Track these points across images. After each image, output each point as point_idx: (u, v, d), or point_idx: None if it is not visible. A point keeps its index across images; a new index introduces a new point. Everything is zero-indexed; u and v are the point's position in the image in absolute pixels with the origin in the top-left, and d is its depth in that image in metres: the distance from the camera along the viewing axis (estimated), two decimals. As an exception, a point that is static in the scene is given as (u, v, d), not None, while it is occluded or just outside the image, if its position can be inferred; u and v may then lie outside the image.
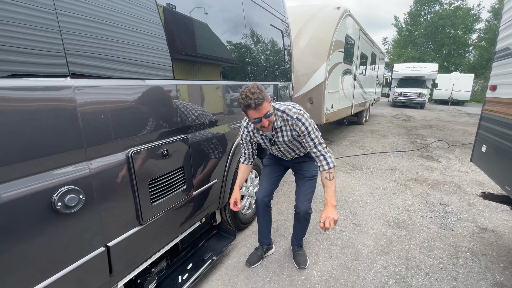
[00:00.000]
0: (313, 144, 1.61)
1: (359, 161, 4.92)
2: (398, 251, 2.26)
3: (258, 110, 1.42)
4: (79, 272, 1.05)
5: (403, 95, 15.98)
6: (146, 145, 1.29)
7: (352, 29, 6.16)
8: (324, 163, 1.60)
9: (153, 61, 1.33)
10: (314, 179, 1.91)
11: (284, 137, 1.68)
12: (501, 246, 2.34)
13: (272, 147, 1.80)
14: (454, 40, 24.17)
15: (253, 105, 1.40)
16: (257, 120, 1.48)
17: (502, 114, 2.04)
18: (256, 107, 1.41)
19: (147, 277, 1.55)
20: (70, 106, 0.96)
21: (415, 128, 8.69)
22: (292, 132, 1.65)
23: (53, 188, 0.93)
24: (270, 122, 1.53)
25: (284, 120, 1.62)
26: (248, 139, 1.80)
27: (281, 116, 1.62)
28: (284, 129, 1.65)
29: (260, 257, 2.12)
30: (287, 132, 1.66)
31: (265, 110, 1.44)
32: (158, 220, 1.42)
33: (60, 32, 0.94)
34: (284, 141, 1.70)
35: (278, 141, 1.72)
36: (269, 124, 1.53)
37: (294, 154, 1.85)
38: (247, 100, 1.40)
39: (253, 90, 1.40)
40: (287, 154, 1.85)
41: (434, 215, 2.88)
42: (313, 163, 1.87)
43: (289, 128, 1.64)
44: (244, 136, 1.79)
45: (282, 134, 1.67)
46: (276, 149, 1.81)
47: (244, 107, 1.44)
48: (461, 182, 3.89)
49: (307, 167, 1.89)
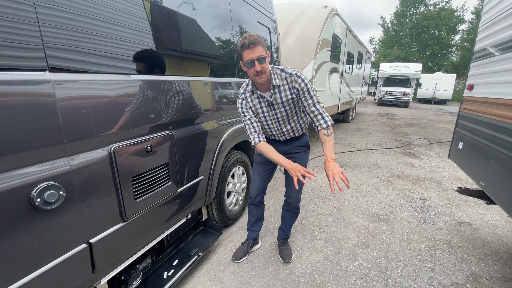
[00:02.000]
0: (312, 102, 1.63)
1: (344, 158, 5.03)
2: (379, 244, 2.34)
3: (251, 49, 1.45)
4: (60, 269, 1.03)
5: (389, 94, 16.38)
6: (129, 141, 1.28)
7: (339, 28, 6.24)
8: (322, 121, 1.63)
9: (137, 56, 1.32)
10: None
11: (283, 97, 1.66)
12: (476, 239, 2.46)
13: (269, 114, 1.73)
14: (437, 41, 24.87)
15: (247, 43, 1.44)
16: (250, 62, 1.48)
17: (478, 112, 2.14)
18: (249, 45, 1.44)
19: (132, 274, 1.54)
20: (49, 101, 0.94)
21: (399, 126, 8.93)
22: (291, 91, 1.64)
23: (32, 184, 0.91)
24: (264, 70, 1.52)
25: (282, 79, 1.63)
26: (248, 106, 1.74)
27: (280, 74, 1.63)
28: (282, 89, 1.64)
29: (246, 252, 2.14)
30: (285, 92, 1.65)
31: (258, 52, 1.46)
32: (142, 217, 1.41)
33: (38, 25, 0.91)
34: (282, 101, 1.67)
35: (276, 103, 1.68)
36: (263, 74, 1.53)
37: (289, 128, 1.79)
38: (243, 39, 1.45)
39: (252, 34, 1.47)
40: (283, 127, 1.78)
41: (414, 210, 2.99)
42: (305, 153, 1.91)
43: (287, 88, 1.64)
44: (244, 106, 1.74)
45: (281, 94, 1.65)
46: (273, 116, 1.74)
47: (240, 48, 1.48)
48: (441, 178, 4.05)
49: (300, 158, 1.89)
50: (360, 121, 9.96)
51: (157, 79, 1.46)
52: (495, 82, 1.94)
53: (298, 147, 1.89)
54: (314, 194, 3.36)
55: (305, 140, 1.92)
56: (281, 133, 1.83)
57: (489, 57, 2.05)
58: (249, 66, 1.51)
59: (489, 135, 1.89)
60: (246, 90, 1.74)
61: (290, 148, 1.89)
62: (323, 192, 3.42)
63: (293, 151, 1.89)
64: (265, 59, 1.51)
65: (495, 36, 1.96)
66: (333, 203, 3.11)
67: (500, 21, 1.89)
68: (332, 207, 3.02)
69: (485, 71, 2.13)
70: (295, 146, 1.89)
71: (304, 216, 2.80)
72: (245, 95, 1.75)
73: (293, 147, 1.89)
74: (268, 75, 1.58)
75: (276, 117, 1.75)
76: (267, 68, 1.56)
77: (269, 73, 1.59)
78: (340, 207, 3.03)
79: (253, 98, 1.73)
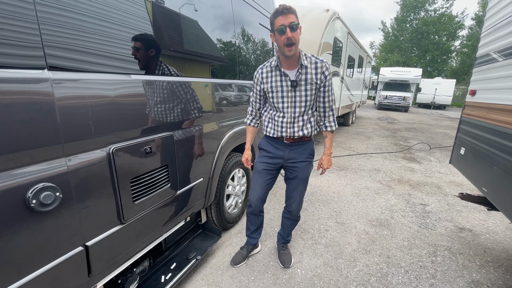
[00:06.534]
0: (330, 99, 1.70)
1: (344, 162, 5.01)
2: (380, 249, 2.31)
3: (285, 15, 1.44)
4: (55, 272, 1.01)
5: (388, 98, 16.41)
6: (128, 142, 1.26)
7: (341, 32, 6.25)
8: (333, 124, 1.77)
9: (137, 56, 1.30)
10: (307, 180, 1.87)
11: (308, 79, 1.61)
12: (477, 245, 2.44)
13: (289, 95, 1.65)
14: (437, 46, 25.00)
15: (281, 9, 1.44)
16: (282, 28, 1.45)
17: (480, 118, 2.13)
18: (283, 11, 1.43)
19: (129, 277, 1.51)
20: (47, 100, 0.92)
21: (399, 131, 8.93)
22: (317, 76, 1.61)
23: (28, 184, 0.89)
24: (294, 40, 1.47)
25: (312, 62, 1.61)
26: (260, 81, 1.72)
27: (310, 58, 1.62)
28: (309, 71, 1.61)
29: (245, 257, 2.11)
30: (311, 75, 1.61)
31: (292, 19, 1.44)
32: (140, 219, 1.39)
33: (37, 22, 0.90)
34: (307, 83, 1.61)
35: (300, 84, 1.62)
36: (293, 45, 1.48)
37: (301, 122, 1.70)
38: (279, 7, 1.45)
39: (284, 5, 1.46)
40: (297, 114, 1.68)
41: (414, 215, 2.97)
42: (309, 164, 1.82)
43: (314, 72, 1.61)
44: (256, 79, 1.74)
45: (307, 76, 1.61)
46: (292, 98, 1.66)
47: (273, 15, 1.48)
48: (441, 183, 4.03)
49: (303, 169, 1.80)
50: (360, 125, 9.96)
51: (158, 79, 1.44)
52: (498, 87, 1.93)
53: (304, 155, 1.79)
54: (314, 198, 3.34)
55: (311, 147, 1.82)
56: (292, 124, 1.70)
57: (492, 62, 2.04)
58: (280, 33, 1.47)
59: (492, 141, 1.87)
60: (267, 65, 1.70)
61: (295, 155, 1.78)
62: (323, 196, 3.40)
63: (298, 159, 1.78)
64: (297, 28, 1.47)
65: (498, 42, 1.96)
66: (333, 207, 3.08)
67: (503, 27, 1.89)
68: (332, 211, 3.00)
69: (488, 76, 2.12)
70: (301, 153, 1.78)
71: (304, 220, 2.77)
72: (262, 69, 1.71)
73: (298, 154, 1.78)
74: (297, 51, 1.56)
75: (294, 100, 1.65)
76: (298, 40, 1.50)
77: (298, 50, 1.57)
78: (340, 211, 3.00)
79: (274, 74, 1.66)
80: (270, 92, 1.69)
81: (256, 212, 1.98)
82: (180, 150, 1.63)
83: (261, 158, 1.87)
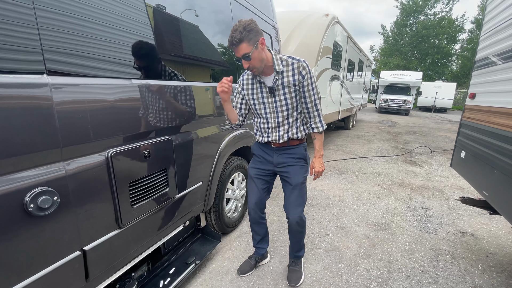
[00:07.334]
0: (314, 99, 1.60)
1: (345, 165, 4.99)
2: (381, 254, 2.29)
3: (234, 49, 1.38)
4: (52, 277, 1.00)
5: (389, 101, 16.42)
6: (126, 146, 1.26)
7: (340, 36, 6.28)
8: (320, 124, 1.67)
9: (136, 60, 1.31)
10: (303, 186, 1.74)
11: (284, 82, 1.54)
12: (480, 250, 2.42)
13: (269, 101, 1.61)
14: (437, 50, 25.06)
15: (229, 42, 1.36)
16: (238, 59, 1.42)
17: (480, 121, 2.12)
18: (232, 46, 1.37)
19: (127, 282, 1.51)
20: (46, 105, 0.93)
21: (399, 134, 8.91)
22: (294, 77, 1.53)
23: (26, 189, 0.89)
24: (252, 66, 1.44)
25: (288, 64, 1.53)
26: (240, 88, 1.70)
27: (286, 60, 1.53)
28: (285, 74, 1.54)
29: (253, 266, 2.03)
30: (289, 78, 1.53)
31: (242, 50, 1.36)
32: (139, 223, 1.38)
33: (37, 28, 0.90)
34: (284, 87, 1.54)
35: (277, 89, 1.56)
36: (254, 69, 1.46)
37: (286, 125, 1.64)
38: (229, 38, 1.36)
39: (236, 27, 1.33)
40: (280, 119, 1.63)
41: (416, 219, 2.95)
42: (302, 167, 1.71)
43: (291, 73, 1.53)
44: (238, 85, 1.71)
45: (283, 78, 1.54)
46: (273, 104, 1.60)
47: None
48: (442, 186, 4.01)
49: (295, 172, 1.70)
50: (361, 128, 9.96)
51: (157, 83, 1.45)
52: (497, 91, 1.93)
53: (293, 159, 1.69)
54: (315, 201, 3.32)
55: (300, 151, 1.70)
56: (277, 128, 1.64)
57: (491, 66, 2.04)
58: (240, 61, 1.45)
59: (492, 144, 1.87)
60: (248, 72, 1.67)
61: (284, 160, 1.70)
62: (323, 199, 3.38)
63: (288, 163, 1.70)
64: (250, 57, 1.38)
65: (497, 45, 1.96)
66: (333, 211, 3.07)
67: (502, 31, 1.89)
68: (333, 215, 2.98)
69: (487, 80, 2.12)
70: (290, 157, 1.69)
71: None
72: (243, 76, 1.69)
73: (286, 158, 1.70)
74: (261, 68, 1.49)
75: (275, 105, 1.60)
76: (257, 62, 1.44)
77: (270, 57, 1.51)
78: (340, 215, 2.98)
79: (253, 82, 1.63)
80: (251, 99, 1.66)
81: (256, 219, 1.91)
82: (179, 154, 1.63)
83: (253, 164, 1.84)
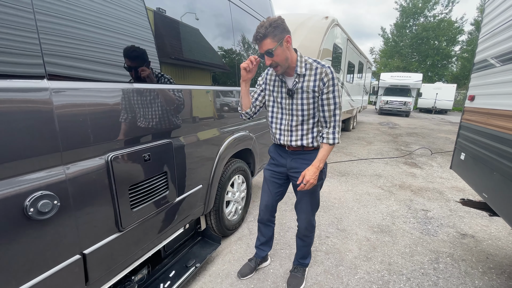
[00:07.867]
0: (334, 107, 1.51)
1: (345, 167, 4.99)
2: (381, 256, 2.29)
3: (258, 45, 1.38)
4: (52, 280, 1.00)
5: (389, 103, 16.44)
6: (126, 149, 1.26)
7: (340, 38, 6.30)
8: (331, 136, 1.54)
9: (137, 64, 1.32)
10: (316, 193, 1.72)
11: (304, 87, 1.51)
12: (480, 252, 2.41)
13: (286, 102, 1.59)
14: (437, 51, 25.10)
15: (254, 37, 1.38)
16: (261, 55, 1.43)
17: (480, 123, 2.13)
18: (255, 41, 1.38)
19: (127, 285, 1.51)
20: (46, 109, 0.93)
21: (400, 136, 8.91)
22: (315, 83, 1.48)
23: (26, 193, 0.89)
24: (276, 63, 1.42)
25: (312, 68, 1.49)
26: (262, 81, 1.69)
27: (310, 64, 1.50)
28: (307, 79, 1.50)
29: (253, 269, 2.03)
30: (309, 83, 1.50)
31: (266, 46, 1.37)
32: (139, 227, 1.38)
33: (37, 31, 0.91)
34: (303, 91, 1.51)
35: (296, 92, 1.53)
36: (278, 66, 1.44)
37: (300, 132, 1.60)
38: (254, 33, 1.37)
39: (262, 23, 1.35)
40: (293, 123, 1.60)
41: (416, 221, 2.94)
42: None
43: (313, 79, 1.49)
44: (261, 77, 1.71)
45: (303, 81, 1.51)
46: (289, 106, 1.58)
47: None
48: (443, 188, 4.01)
49: None
50: (361, 130, 9.96)
51: (157, 87, 1.45)
52: (496, 93, 1.93)
53: (306, 165, 1.59)
54: (315, 204, 3.31)
55: (315, 157, 1.60)
56: (289, 132, 1.62)
57: (490, 68, 2.05)
58: (264, 59, 1.44)
59: (491, 146, 1.87)
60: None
61: (297, 165, 1.66)
62: (324, 202, 3.38)
63: (300, 169, 1.63)
64: (273, 53, 1.38)
65: (495, 48, 1.97)
66: (334, 214, 3.06)
67: (500, 33, 1.90)
68: (333, 217, 2.98)
69: (486, 82, 2.12)
70: (303, 163, 1.63)
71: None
72: (269, 71, 1.67)
73: (300, 164, 1.65)
74: (285, 67, 1.46)
75: (291, 107, 1.57)
76: (281, 59, 1.42)
77: (295, 58, 1.49)
78: (341, 217, 2.98)
79: (276, 79, 1.62)
80: (270, 95, 1.66)
81: (265, 220, 1.91)
82: (178, 156, 1.63)
83: (268, 166, 1.83)
